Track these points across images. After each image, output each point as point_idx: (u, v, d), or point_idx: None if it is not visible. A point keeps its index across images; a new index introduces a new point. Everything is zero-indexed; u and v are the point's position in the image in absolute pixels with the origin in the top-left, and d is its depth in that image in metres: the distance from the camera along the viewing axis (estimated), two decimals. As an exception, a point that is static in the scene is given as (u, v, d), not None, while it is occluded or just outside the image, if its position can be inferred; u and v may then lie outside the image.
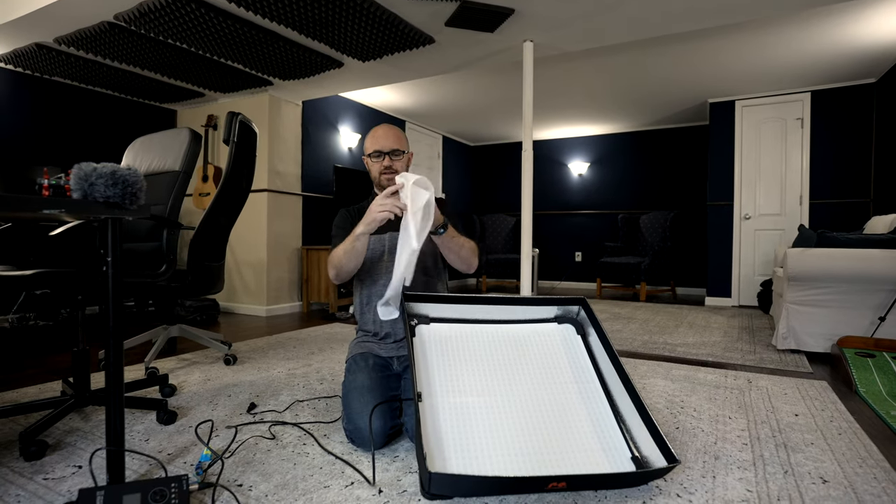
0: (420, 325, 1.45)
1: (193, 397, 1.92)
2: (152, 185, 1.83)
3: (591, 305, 1.58)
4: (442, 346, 1.41)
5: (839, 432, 1.59)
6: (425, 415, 1.22)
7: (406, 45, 3.06)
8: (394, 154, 1.64)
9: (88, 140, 3.88)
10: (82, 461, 1.34)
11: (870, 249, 2.54)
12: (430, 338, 1.42)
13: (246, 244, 4.22)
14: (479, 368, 1.37)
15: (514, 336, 1.49)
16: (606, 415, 1.33)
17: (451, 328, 1.46)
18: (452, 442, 1.18)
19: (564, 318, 1.58)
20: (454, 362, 1.37)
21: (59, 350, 2.70)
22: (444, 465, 1.13)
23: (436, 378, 1.32)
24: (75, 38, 2.94)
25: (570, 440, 1.25)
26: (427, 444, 1.15)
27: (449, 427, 1.21)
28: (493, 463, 1.15)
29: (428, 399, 1.26)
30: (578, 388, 1.40)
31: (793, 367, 2.43)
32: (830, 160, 4.45)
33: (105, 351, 1.13)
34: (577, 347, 1.51)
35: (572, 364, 1.46)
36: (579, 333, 1.54)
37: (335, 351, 2.74)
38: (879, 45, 3.56)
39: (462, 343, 1.43)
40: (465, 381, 1.33)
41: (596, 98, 4.89)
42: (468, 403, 1.27)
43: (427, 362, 1.36)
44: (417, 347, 1.38)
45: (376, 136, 1.66)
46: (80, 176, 1.04)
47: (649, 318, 3.96)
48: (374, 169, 1.67)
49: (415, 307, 1.47)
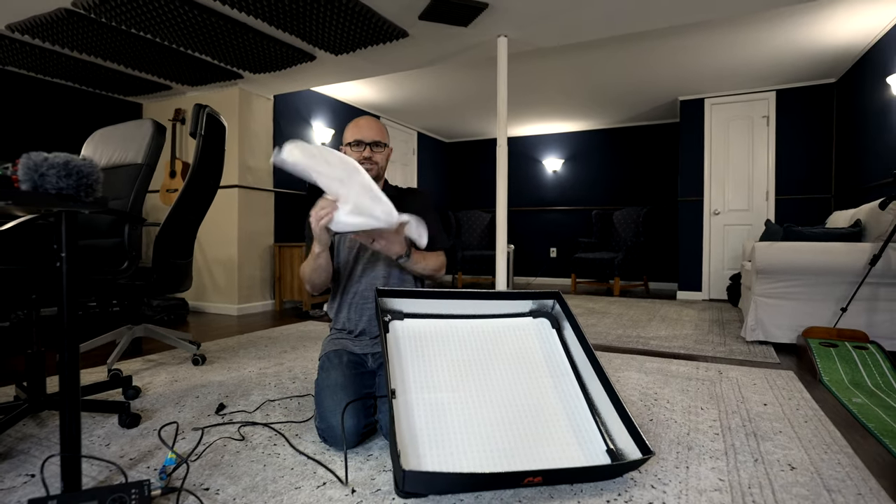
0: (394, 320, 1.42)
1: (159, 399, 1.85)
2: (113, 179, 1.75)
3: (565, 300, 1.58)
4: (416, 342, 1.38)
5: (805, 420, 1.63)
6: (399, 412, 1.19)
7: (379, 38, 3.02)
8: (375, 145, 1.61)
9: (47, 135, 3.71)
10: (35, 469, 1.27)
11: (833, 243, 2.62)
12: (404, 333, 1.40)
13: (216, 241, 4.11)
14: (454, 364, 1.36)
15: (489, 331, 1.48)
16: (581, 408, 1.34)
17: (426, 324, 1.44)
18: (427, 439, 1.16)
19: (539, 313, 1.58)
20: (429, 358, 1.35)
21: (14, 353, 2.57)
22: (419, 462, 1.11)
23: (410, 374, 1.29)
24: (30, 26, 2.79)
25: (546, 434, 1.25)
26: (401, 441, 1.13)
27: (423, 424, 1.19)
28: (469, 459, 1.14)
29: (402, 395, 1.24)
30: (553, 381, 1.39)
31: (761, 358, 2.49)
32: (794, 157, 4.59)
33: (59, 350, 1.07)
34: (552, 341, 1.51)
35: (547, 358, 1.46)
36: (554, 327, 1.54)
37: (308, 349, 2.68)
38: (839, 47, 3.68)
39: (437, 339, 1.41)
40: (439, 378, 1.31)
41: (570, 95, 4.92)
42: (443, 399, 1.26)
43: (401, 358, 1.33)
44: (391, 343, 1.36)
45: (359, 126, 1.62)
46: (28, 166, 0.98)
47: (623, 313, 4.01)
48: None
49: (388, 303, 1.44)
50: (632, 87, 4.62)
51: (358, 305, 1.63)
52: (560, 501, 1.11)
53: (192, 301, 4.22)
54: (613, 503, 1.11)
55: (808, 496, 1.14)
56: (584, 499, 1.12)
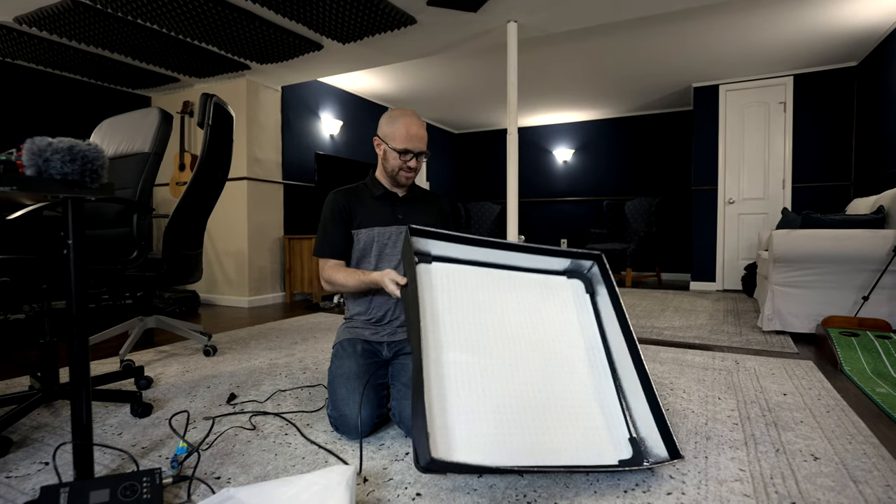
0: (421, 262, 1.28)
1: (171, 389, 1.85)
2: (121, 168, 1.74)
3: (606, 263, 1.44)
4: (447, 291, 1.26)
5: (827, 410, 1.59)
6: (430, 376, 1.09)
7: (387, 25, 2.97)
8: (421, 155, 1.55)
9: (56, 129, 3.72)
10: (49, 457, 1.27)
11: (853, 230, 2.55)
12: (437, 279, 1.27)
13: (226, 234, 4.11)
14: (487, 321, 1.25)
15: (522, 286, 1.37)
16: (609, 389, 1.27)
17: (457, 269, 1.32)
18: (458, 410, 1.07)
19: (574, 273, 1.46)
20: (463, 311, 1.24)
21: (28, 344, 2.59)
22: (447, 435, 1.03)
23: (443, 328, 1.18)
24: (38, 18, 2.79)
25: (575, 414, 1.19)
26: (430, 412, 1.03)
27: (455, 392, 1.09)
28: (497, 438, 1.07)
29: (434, 352, 1.13)
30: (587, 354, 1.32)
31: (779, 348, 2.44)
32: (812, 144, 4.48)
33: (68, 339, 1.06)
34: (585, 308, 1.41)
35: (582, 326, 1.37)
36: (588, 291, 1.44)
37: (319, 340, 2.67)
38: (861, 29, 3.57)
39: (468, 289, 1.29)
40: (471, 336, 1.20)
41: (580, 83, 4.84)
42: (478, 365, 1.16)
43: (434, 308, 1.21)
44: (423, 288, 1.23)
45: (411, 136, 1.51)
46: (33, 151, 0.96)
47: (636, 303, 3.96)
48: (393, 162, 1.54)
49: (419, 243, 1.30)
50: (644, 74, 4.53)
51: (384, 293, 1.57)
52: (576, 491, 1.09)
53: (203, 293, 4.24)
54: (632, 493, 1.08)
55: (833, 487, 1.10)
56: (602, 489, 1.10)
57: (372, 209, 1.59)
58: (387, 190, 1.61)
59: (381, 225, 1.58)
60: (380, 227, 1.58)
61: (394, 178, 1.58)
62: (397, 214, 1.60)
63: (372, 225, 1.57)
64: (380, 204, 1.61)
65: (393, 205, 1.62)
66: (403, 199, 1.63)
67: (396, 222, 1.59)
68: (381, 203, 1.61)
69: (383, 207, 1.60)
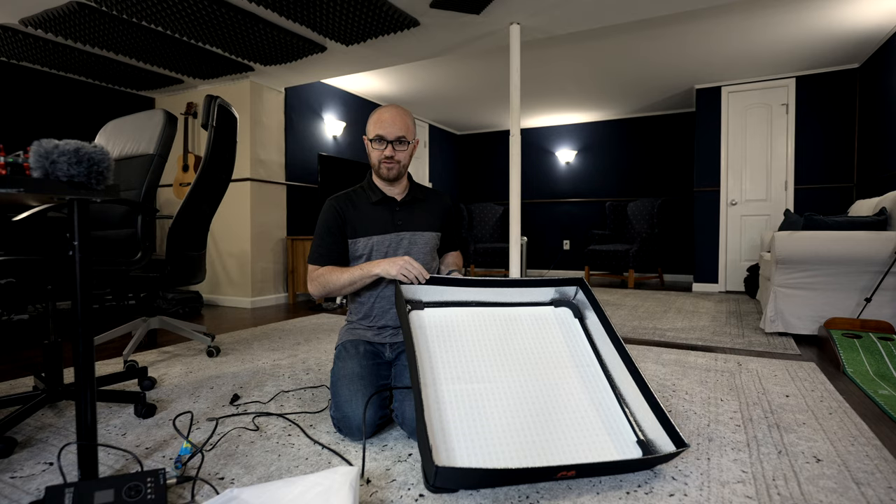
0: (414, 310, 1.39)
1: (174, 390, 1.86)
2: (125, 170, 1.76)
3: (589, 287, 1.54)
4: (441, 332, 1.36)
5: (830, 412, 1.59)
6: (429, 403, 1.17)
7: (390, 27, 2.98)
8: (398, 143, 1.52)
9: (61, 130, 3.74)
10: (53, 458, 1.28)
11: (856, 231, 2.54)
12: (429, 323, 1.37)
13: (229, 235, 4.12)
14: (482, 354, 1.33)
15: (511, 321, 1.46)
16: (609, 399, 1.31)
17: (448, 312, 1.42)
18: (458, 431, 1.14)
19: (561, 302, 1.55)
20: (456, 348, 1.33)
21: (33, 345, 2.60)
22: (450, 455, 1.09)
23: (439, 364, 1.27)
24: (43, 20, 2.81)
25: (575, 426, 1.23)
26: (432, 434, 1.10)
27: (455, 415, 1.17)
28: (501, 452, 1.12)
29: (432, 386, 1.21)
30: (578, 372, 1.37)
31: (781, 350, 2.43)
32: (815, 145, 4.48)
33: (74, 339, 1.07)
34: (575, 331, 1.48)
35: (571, 349, 1.43)
36: (576, 316, 1.52)
37: (322, 341, 2.68)
38: (863, 31, 3.57)
39: (462, 328, 1.39)
40: (466, 368, 1.29)
41: (583, 85, 4.85)
42: (474, 390, 1.24)
43: (429, 348, 1.31)
44: (416, 333, 1.33)
45: (382, 121, 1.51)
46: (39, 153, 0.97)
47: (638, 305, 3.96)
48: (373, 155, 1.55)
49: (407, 291, 1.41)
50: (646, 75, 4.53)
51: (387, 298, 1.59)
52: (579, 492, 1.09)
53: (206, 294, 4.25)
54: (634, 494, 1.08)
55: (835, 489, 1.10)
56: (604, 490, 1.10)
57: (369, 216, 1.58)
58: (384, 195, 1.60)
59: (380, 233, 1.57)
60: (378, 235, 1.57)
61: (381, 174, 1.56)
62: (396, 221, 1.59)
63: (370, 234, 1.56)
64: (377, 210, 1.59)
65: (391, 211, 1.60)
66: (402, 203, 1.61)
67: (395, 229, 1.58)
68: (378, 209, 1.59)
69: (381, 214, 1.59)
